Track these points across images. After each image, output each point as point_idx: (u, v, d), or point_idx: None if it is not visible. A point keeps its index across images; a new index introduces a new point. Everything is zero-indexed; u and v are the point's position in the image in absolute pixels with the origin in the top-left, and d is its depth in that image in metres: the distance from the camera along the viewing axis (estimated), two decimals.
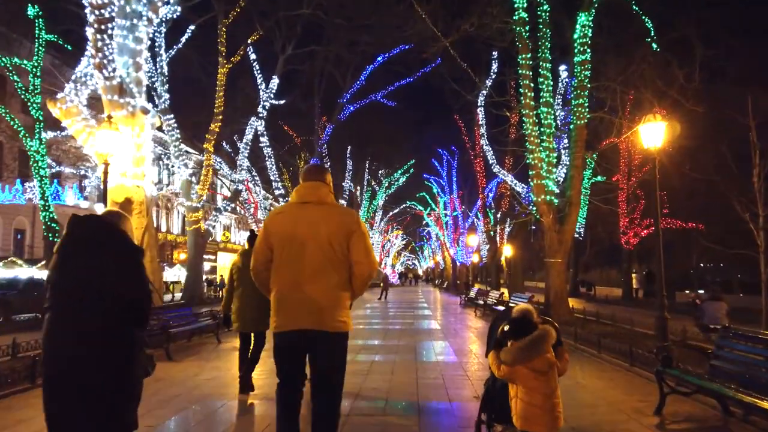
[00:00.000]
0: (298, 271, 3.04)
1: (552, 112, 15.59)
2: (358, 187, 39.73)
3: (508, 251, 28.11)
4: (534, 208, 15.49)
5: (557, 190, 15.55)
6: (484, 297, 18.85)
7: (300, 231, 3.09)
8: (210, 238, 25.36)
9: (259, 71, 21.45)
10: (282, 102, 26.18)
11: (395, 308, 21.63)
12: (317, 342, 3.05)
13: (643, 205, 25.91)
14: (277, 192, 22.02)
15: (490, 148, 21.77)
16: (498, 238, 26.16)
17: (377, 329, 13.27)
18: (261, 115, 21.99)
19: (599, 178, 28.15)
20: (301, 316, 3.04)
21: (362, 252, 3.14)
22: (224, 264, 35.84)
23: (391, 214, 52.72)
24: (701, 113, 14.38)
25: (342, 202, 38.66)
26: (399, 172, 43.30)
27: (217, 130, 23.76)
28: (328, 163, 27.44)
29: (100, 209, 4.60)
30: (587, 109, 15.13)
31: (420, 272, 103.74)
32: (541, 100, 15.37)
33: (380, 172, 43.42)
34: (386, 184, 43.18)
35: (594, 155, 21.71)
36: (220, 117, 23.57)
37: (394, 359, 8.46)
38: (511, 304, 14.86)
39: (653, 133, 8.81)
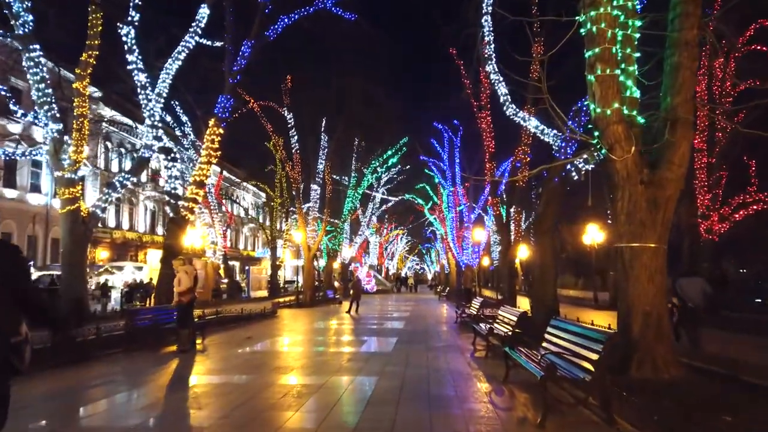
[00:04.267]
0: None
1: None
2: (330, 173, 31.68)
3: (523, 252, 19.96)
4: (596, 137, 7.29)
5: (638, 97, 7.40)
6: (490, 313, 10.82)
7: None
8: (97, 225, 17.48)
9: None
10: (219, 44, 18.18)
11: (341, 335, 13.64)
12: None
13: (725, 178, 17.46)
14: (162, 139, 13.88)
15: (500, 77, 13.65)
16: (513, 228, 17.89)
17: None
18: (132, 19, 14.05)
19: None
20: None
21: None
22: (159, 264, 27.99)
23: (385, 206, 44.55)
24: None
25: (315, 187, 30.79)
26: (386, 157, 35.34)
27: (93, 62, 15.98)
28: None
29: None
30: None
31: (429, 277, 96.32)
32: None
33: (376, 163, 35.39)
34: (376, 165, 35.05)
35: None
36: (96, 43, 15.81)
37: None
38: (548, 349, 6.11)
39: None
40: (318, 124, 29.97)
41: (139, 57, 14.12)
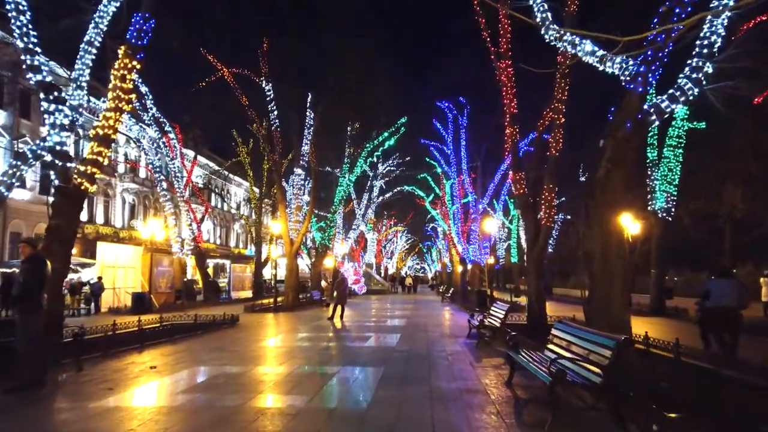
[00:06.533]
0: None
1: None
2: (315, 153, 27.34)
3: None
4: None
5: None
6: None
7: None
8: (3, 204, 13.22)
9: None
10: None
11: (299, 362, 9.45)
12: None
13: None
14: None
15: None
16: (543, 212, 13.59)
17: None
18: None
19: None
20: None
21: None
22: (115, 260, 23.81)
23: (382, 198, 40.25)
24: None
25: (299, 171, 26.52)
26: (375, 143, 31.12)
27: None
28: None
29: None
30: None
31: (429, 277, 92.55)
32: None
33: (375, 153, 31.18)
34: (371, 148, 30.72)
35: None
36: None
37: None
38: None
39: None
40: (303, 101, 25.83)
41: None
